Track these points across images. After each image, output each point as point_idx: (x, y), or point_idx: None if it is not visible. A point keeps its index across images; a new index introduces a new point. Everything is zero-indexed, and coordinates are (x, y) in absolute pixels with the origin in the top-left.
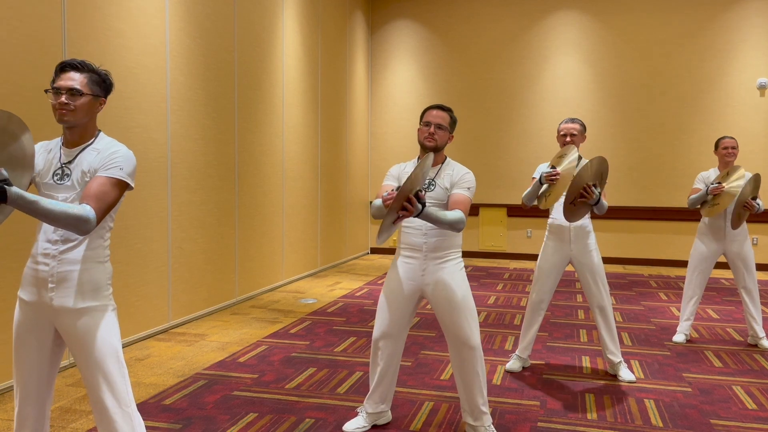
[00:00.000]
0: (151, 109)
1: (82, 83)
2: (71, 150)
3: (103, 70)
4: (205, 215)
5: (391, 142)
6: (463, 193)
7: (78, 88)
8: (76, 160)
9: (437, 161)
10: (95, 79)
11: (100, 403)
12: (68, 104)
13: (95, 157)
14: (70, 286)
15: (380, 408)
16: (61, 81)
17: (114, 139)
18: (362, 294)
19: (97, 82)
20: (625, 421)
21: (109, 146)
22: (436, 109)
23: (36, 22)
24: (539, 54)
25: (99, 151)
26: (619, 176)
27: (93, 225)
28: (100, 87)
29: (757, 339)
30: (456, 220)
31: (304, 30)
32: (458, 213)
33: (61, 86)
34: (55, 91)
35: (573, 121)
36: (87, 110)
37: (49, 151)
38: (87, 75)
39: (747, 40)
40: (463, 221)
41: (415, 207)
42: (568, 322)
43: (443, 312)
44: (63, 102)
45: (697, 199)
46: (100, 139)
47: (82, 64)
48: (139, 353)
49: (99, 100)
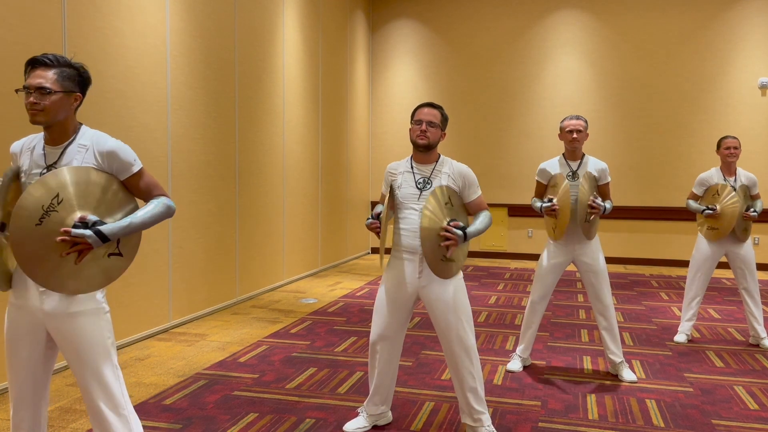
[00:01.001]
0: (151, 109)
1: (51, 80)
2: (54, 148)
3: (78, 63)
4: (206, 215)
5: (391, 141)
6: (479, 194)
7: (47, 87)
8: (62, 160)
9: (431, 159)
10: (68, 74)
11: (95, 408)
12: (37, 104)
13: (85, 154)
14: None
15: (381, 409)
16: (29, 79)
17: (97, 131)
18: (363, 294)
19: (70, 77)
20: (627, 421)
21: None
22: (427, 107)
23: (36, 21)
24: (540, 53)
25: (87, 148)
26: (620, 176)
27: (174, 205)
28: (73, 82)
29: (758, 339)
30: (488, 223)
31: (304, 29)
32: (485, 215)
33: (29, 84)
34: (25, 91)
35: (578, 118)
36: (59, 108)
37: (32, 149)
38: (58, 70)
39: (748, 39)
40: (491, 218)
41: (457, 236)
42: (569, 321)
43: (439, 313)
44: (32, 102)
45: (694, 209)
46: (82, 133)
47: (52, 59)
48: (139, 353)
49: (73, 95)
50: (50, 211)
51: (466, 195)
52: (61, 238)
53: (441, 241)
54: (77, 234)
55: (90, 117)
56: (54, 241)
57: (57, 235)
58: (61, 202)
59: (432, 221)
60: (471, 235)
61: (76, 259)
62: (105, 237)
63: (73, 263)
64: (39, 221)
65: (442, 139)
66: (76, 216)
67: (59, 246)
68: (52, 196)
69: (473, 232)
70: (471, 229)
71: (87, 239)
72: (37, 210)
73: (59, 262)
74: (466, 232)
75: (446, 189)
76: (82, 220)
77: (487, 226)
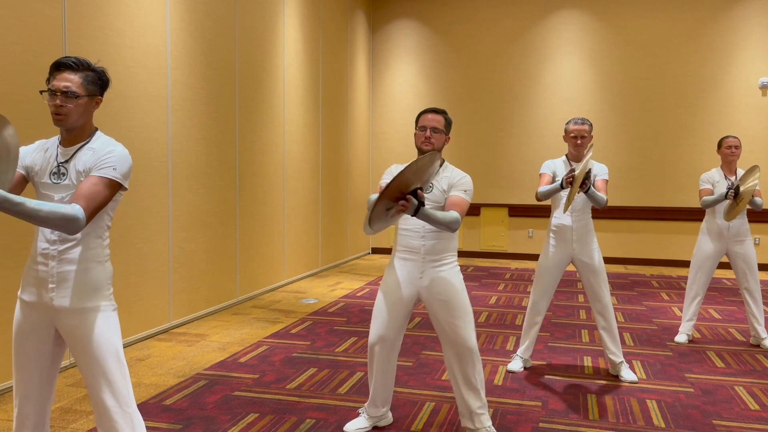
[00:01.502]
0: (151, 109)
1: (77, 84)
2: (68, 149)
3: (100, 67)
4: (206, 215)
5: (392, 141)
6: (460, 195)
7: (73, 90)
8: (72, 160)
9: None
10: (91, 78)
11: (100, 404)
12: (63, 107)
13: (90, 156)
14: (70, 286)
15: (381, 411)
16: (55, 81)
17: (111, 139)
18: (363, 294)
19: (93, 81)
20: (627, 421)
21: (105, 146)
22: (431, 113)
23: (36, 21)
24: (540, 53)
25: (94, 150)
26: (621, 176)
27: (82, 225)
28: (95, 85)
29: (759, 339)
30: (452, 221)
31: (305, 29)
32: (454, 214)
33: (56, 87)
34: (50, 93)
35: (583, 122)
36: (83, 111)
37: (46, 150)
38: (83, 74)
39: (748, 39)
40: (458, 222)
41: (411, 203)
42: (569, 322)
43: (440, 314)
44: (58, 105)
45: (713, 201)
46: (96, 138)
47: (77, 62)
48: (139, 353)
49: (95, 99)
50: None
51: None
52: None
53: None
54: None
55: None
56: None
57: None
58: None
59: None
60: (424, 214)
61: None
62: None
63: None
64: None
65: (446, 144)
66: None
67: None
68: None
69: (429, 213)
70: (429, 210)
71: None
72: None
73: None
74: (420, 208)
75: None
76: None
77: (446, 221)
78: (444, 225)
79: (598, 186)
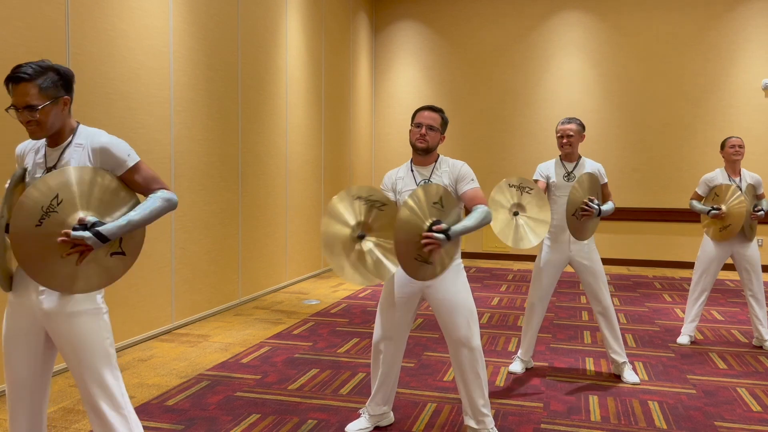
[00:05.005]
0: (154, 110)
1: (35, 95)
2: (54, 150)
3: (57, 66)
4: (209, 216)
5: (394, 142)
6: (473, 187)
7: (33, 104)
8: (61, 161)
9: (430, 161)
10: (49, 82)
11: (94, 407)
12: (31, 121)
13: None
14: None
15: (382, 410)
16: (14, 98)
17: (93, 129)
18: (365, 295)
19: (53, 83)
20: (629, 422)
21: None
22: (427, 110)
23: (39, 23)
24: (543, 54)
25: (83, 146)
26: (623, 177)
27: (176, 199)
28: (56, 87)
29: (762, 341)
30: (483, 219)
31: (307, 31)
32: (482, 208)
33: (16, 104)
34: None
35: (570, 121)
36: (53, 118)
37: (37, 150)
38: (38, 82)
39: (751, 40)
40: (489, 213)
41: (440, 240)
42: (571, 323)
43: (444, 314)
44: (27, 120)
45: (697, 209)
46: (79, 133)
47: (28, 71)
48: (142, 354)
49: (61, 100)
50: (50, 212)
51: (459, 188)
52: (61, 239)
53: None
54: (76, 236)
55: (93, 118)
56: (55, 242)
57: (57, 236)
58: (60, 203)
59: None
60: (456, 233)
61: (77, 260)
62: (105, 238)
63: (75, 264)
64: (39, 222)
65: (441, 142)
66: (76, 217)
67: (60, 247)
68: (52, 197)
69: (459, 229)
70: (457, 227)
71: (86, 241)
72: (36, 211)
73: (61, 262)
74: (449, 233)
75: (442, 190)
76: (81, 222)
77: (480, 222)
78: (479, 226)
79: (604, 193)
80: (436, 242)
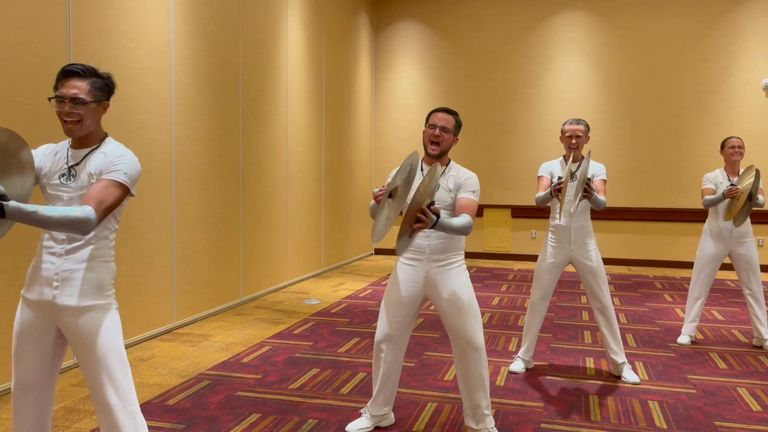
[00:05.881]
0: (155, 110)
1: (85, 91)
2: (78, 151)
3: (106, 73)
4: (209, 216)
5: (395, 142)
6: (469, 197)
7: (81, 97)
8: (83, 162)
9: (441, 163)
10: (98, 84)
11: (103, 402)
12: (73, 113)
13: (102, 159)
14: (75, 285)
15: (384, 410)
16: (63, 89)
17: (121, 144)
18: (366, 295)
19: (100, 87)
20: (629, 422)
21: (116, 150)
22: (441, 112)
23: (40, 23)
24: (544, 54)
25: (106, 155)
26: (624, 177)
27: (93, 225)
28: (102, 91)
29: (762, 341)
30: (465, 225)
31: (308, 31)
32: (466, 218)
33: (64, 95)
34: (58, 100)
35: (578, 122)
36: (92, 118)
37: (56, 153)
38: (90, 81)
39: (752, 40)
40: (471, 225)
41: (429, 219)
42: (572, 323)
43: (448, 314)
44: (67, 111)
45: (714, 200)
46: (107, 143)
47: (84, 69)
48: (143, 353)
49: (103, 104)
50: None
51: (458, 194)
52: None
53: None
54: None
55: None
56: None
57: None
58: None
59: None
60: (442, 225)
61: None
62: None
63: None
64: None
65: (454, 144)
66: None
67: None
68: None
69: (446, 223)
70: (445, 220)
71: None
72: None
73: None
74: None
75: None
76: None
77: (462, 227)
78: (459, 231)
79: (597, 187)
80: (426, 221)
